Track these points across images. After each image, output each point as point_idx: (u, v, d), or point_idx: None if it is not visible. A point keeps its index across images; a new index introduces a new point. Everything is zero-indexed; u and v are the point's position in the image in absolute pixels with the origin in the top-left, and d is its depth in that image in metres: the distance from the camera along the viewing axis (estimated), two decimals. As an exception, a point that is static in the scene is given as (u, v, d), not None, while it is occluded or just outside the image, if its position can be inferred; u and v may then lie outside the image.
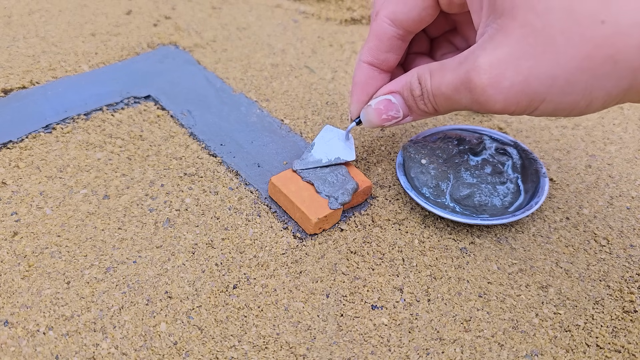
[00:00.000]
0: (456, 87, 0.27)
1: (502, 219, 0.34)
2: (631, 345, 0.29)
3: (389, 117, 0.32)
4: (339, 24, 0.59)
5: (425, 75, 0.29)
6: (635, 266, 0.34)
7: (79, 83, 0.46)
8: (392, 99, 0.32)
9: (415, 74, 0.30)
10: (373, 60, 0.34)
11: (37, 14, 0.55)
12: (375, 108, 0.33)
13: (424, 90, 0.30)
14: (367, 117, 0.33)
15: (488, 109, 0.26)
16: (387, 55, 0.33)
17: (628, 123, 0.45)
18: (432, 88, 0.29)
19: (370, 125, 0.34)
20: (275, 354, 0.28)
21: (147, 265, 0.32)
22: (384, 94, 0.33)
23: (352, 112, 0.35)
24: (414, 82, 0.30)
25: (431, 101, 0.30)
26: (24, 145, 0.39)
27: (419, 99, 0.30)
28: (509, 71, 0.24)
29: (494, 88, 0.25)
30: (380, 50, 0.33)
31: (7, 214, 0.34)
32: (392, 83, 0.33)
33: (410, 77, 0.31)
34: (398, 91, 0.32)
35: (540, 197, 0.35)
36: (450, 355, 0.29)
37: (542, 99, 0.25)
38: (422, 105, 0.30)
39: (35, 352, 0.27)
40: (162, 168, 0.39)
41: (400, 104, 0.32)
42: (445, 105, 0.29)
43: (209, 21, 0.57)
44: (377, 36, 0.33)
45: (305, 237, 0.34)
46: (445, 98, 0.28)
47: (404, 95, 0.32)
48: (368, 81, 0.34)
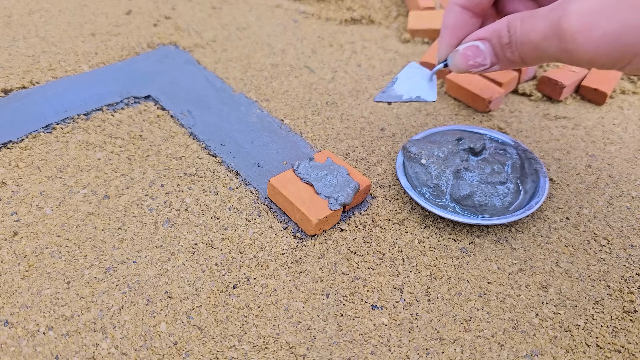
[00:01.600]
0: (545, 35, 0.26)
1: (502, 219, 0.34)
2: (631, 345, 0.29)
3: (476, 63, 0.32)
4: (339, 24, 0.59)
5: (515, 22, 0.29)
6: (635, 266, 0.34)
7: (79, 83, 0.46)
8: (481, 46, 0.32)
9: (506, 22, 0.30)
10: (465, 3, 0.33)
11: (37, 14, 0.55)
12: (462, 53, 0.32)
13: (512, 38, 0.29)
14: (454, 61, 0.33)
15: (577, 59, 0.25)
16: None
17: (628, 123, 0.45)
18: (520, 36, 0.28)
19: (456, 70, 0.33)
20: (275, 354, 0.28)
21: (147, 265, 0.32)
22: (472, 40, 0.32)
23: (440, 54, 0.35)
24: (503, 30, 0.30)
25: (518, 49, 0.29)
26: (24, 145, 0.39)
27: (507, 47, 0.30)
28: (602, 19, 0.23)
29: (585, 36, 0.24)
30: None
31: (7, 214, 0.34)
32: (482, 30, 0.32)
33: (500, 24, 0.30)
34: (487, 38, 0.31)
35: (540, 197, 0.35)
36: (450, 355, 0.29)
37: (635, 52, 0.24)
38: (509, 53, 0.30)
39: (35, 352, 0.27)
40: (162, 168, 0.39)
41: (488, 51, 0.31)
42: (532, 55, 0.29)
43: (209, 21, 0.57)
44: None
45: (305, 237, 0.34)
46: (533, 46, 0.28)
47: (492, 43, 0.31)
48: (459, 25, 0.34)
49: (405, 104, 0.37)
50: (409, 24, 0.56)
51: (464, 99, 0.47)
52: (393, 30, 0.58)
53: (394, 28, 0.59)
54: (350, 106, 0.46)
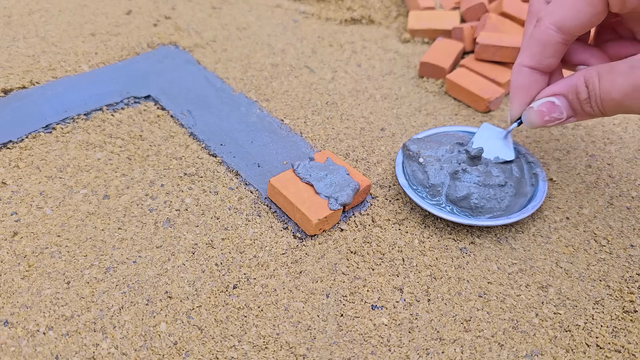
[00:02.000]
0: (627, 93, 0.27)
1: (497, 221, 0.34)
2: (631, 345, 0.29)
3: (552, 118, 0.32)
4: (339, 24, 0.59)
5: (593, 79, 0.29)
6: (635, 266, 0.34)
7: (79, 83, 0.46)
8: (556, 101, 0.32)
9: (582, 77, 0.30)
10: (535, 65, 0.33)
11: (37, 14, 0.55)
12: (537, 110, 0.33)
13: (592, 94, 0.29)
14: (528, 119, 0.34)
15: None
16: (550, 60, 0.33)
17: (628, 123, 0.45)
18: (600, 92, 0.29)
19: (531, 126, 0.34)
20: (275, 354, 0.28)
21: (147, 265, 0.32)
22: (546, 96, 0.32)
23: (512, 114, 0.35)
24: (581, 86, 0.30)
25: (598, 105, 0.29)
26: (24, 145, 0.39)
27: (585, 102, 0.30)
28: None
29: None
30: (544, 55, 0.33)
31: (7, 214, 0.34)
32: (556, 85, 0.32)
33: (577, 80, 0.30)
34: (562, 93, 0.32)
35: (537, 200, 0.35)
36: (450, 355, 0.29)
37: None
38: (589, 108, 0.30)
39: (35, 352, 0.27)
40: (162, 168, 0.39)
41: (564, 106, 0.32)
42: (614, 110, 0.29)
43: (209, 21, 0.57)
44: (541, 43, 0.32)
45: (305, 237, 0.34)
46: (615, 103, 0.28)
47: (568, 98, 0.31)
48: (531, 85, 0.34)
49: None
50: (409, 24, 0.56)
51: (464, 99, 0.47)
52: (393, 30, 0.58)
53: (394, 28, 0.59)
54: (350, 106, 0.46)
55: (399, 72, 0.51)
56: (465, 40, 0.52)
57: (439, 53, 0.50)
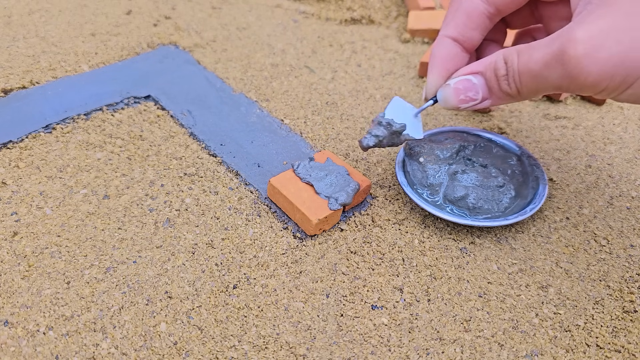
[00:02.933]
0: (546, 63, 0.26)
1: (495, 222, 0.34)
2: (631, 345, 0.29)
3: (467, 98, 0.31)
4: (339, 24, 0.59)
5: (512, 54, 0.29)
6: (635, 266, 0.34)
7: (79, 83, 0.46)
8: (473, 79, 0.31)
9: (501, 54, 0.29)
10: (458, 36, 0.33)
11: (37, 14, 0.55)
12: (454, 87, 0.32)
13: (510, 69, 0.29)
14: (444, 97, 0.32)
15: (580, 84, 0.25)
16: (472, 33, 0.33)
17: (628, 123, 0.45)
18: (519, 66, 0.28)
19: (446, 105, 0.33)
20: (275, 354, 0.28)
21: (147, 265, 0.32)
22: (465, 74, 0.32)
23: (428, 88, 0.34)
24: (499, 62, 0.29)
25: (516, 81, 0.29)
26: (24, 145, 0.39)
27: (503, 79, 0.29)
28: (609, 41, 0.24)
29: (590, 58, 0.24)
30: (468, 26, 0.32)
31: (7, 214, 0.34)
32: (474, 64, 0.31)
33: (496, 57, 0.30)
34: (480, 71, 0.31)
35: (537, 203, 0.35)
36: (450, 355, 0.29)
37: (638, 74, 0.24)
38: (505, 85, 0.30)
39: (35, 352, 0.27)
40: (162, 168, 0.39)
41: (481, 85, 0.31)
42: (531, 85, 0.28)
43: (209, 21, 0.57)
44: (466, 12, 0.32)
45: (305, 237, 0.34)
46: (533, 76, 0.27)
47: (486, 76, 0.31)
48: (449, 57, 0.33)
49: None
50: (409, 24, 0.56)
51: (464, 99, 0.47)
52: (393, 30, 0.58)
53: (394, 28, 0.59)
54: (350, 106, 0.46)
55: (399, 72, 0.51)
56: (465, 40, 0.52)
57: (439, 53, 0.50)
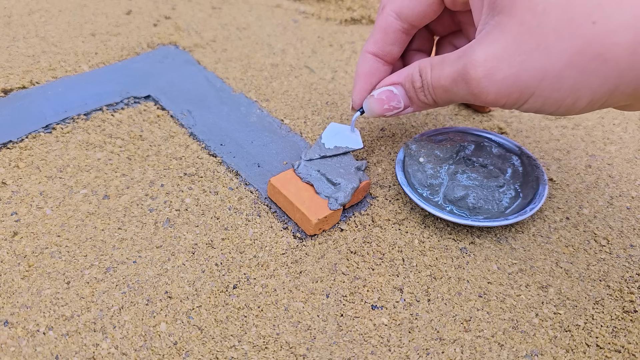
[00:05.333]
0: (454, 79, 0.28)
1: (494, 222, 0.34)
2: (631, 345, 0.29)
3: (391, 107, 0.34)
4: (339, 24, 0.59)
5: (426, 68, 0.31)
6: (635, 266, 0.34)
7: (79, 83, 0.46)
8: (394, 90, 0.34)
9: (417, 67, 0.32)
10: (377, 51, 0.35)
11: (37, 14, 0.55)
12: (377, 98, 0.34)
13: (425, 82, 0.31)
14: (369, 107, 0.35)
15: (482, 100, 0.28)
16: (391, 48, 0.35)
17: (628, 123, 0.45)
18: (432, 80, 0.30)
19: (372, 115, 0.35)
20: (275, 354, 0.28)
21: (147, 265, 0.32)
22: (386, 85, 0.34)
23: (354, 100, 0.37)
24: (415, 75, 0.32)
25: (431, 93, 0.31)
26: (24, 145, 0.39)
27: (420, 91, 0.32)
28: (503, 64, 0.26)
29: (488, 80, 0.26)
30: (385, 42, 0.35)
31: (7, 214, 0.34)
32: (395, 75, 0.34)
33: (412, 69, 0.32)
34: (400, 82, 0.33)
35: (536, 203, 0.35)
36: (450, 355, 0.29)
37: (531, 92, 0.26)
38: (422, 96, 0.32)
39: (35, 352, 0.27)
40: (162, 168, 0.39)
41: (402, 95, 0.33)
42: (444, 97, 0.31)
43: (209, 21, 0.57)
44: (382, 29, 0.34)
45: (305, 237, 0.34)
46: (444, 90, 0.30)
47: (405, 87, 0.33)
48: (371, 71, 0.36)
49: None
50: (409, 24, 0.56)
51: (464, 99, 0.47)
52: (393, 30, 0.58)
53: (394, 28, 0.59)
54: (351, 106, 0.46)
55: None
56: (465, 40, 0.52)
57: (439, 53, 0.50)
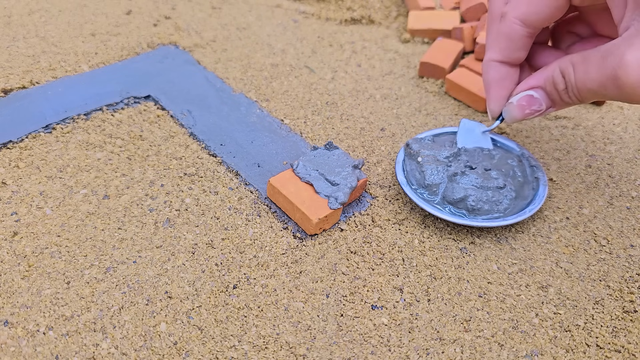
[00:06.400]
0: (602, 83, 0.27)
1: (493, 222, 0.34)
2: (631, 345, 0.29)
3: (533, 111, 0.33)
4: (339, 24, 0.59)
5: (568, 69, 0.30)
6: (635, 266, 0.34)
7: (79, 83, 0.46)
8: (535, 94, 0.33)
9: (558, 69, 0.31)
10: (504, 58, 0.35)
11: (37, 14, 0.55)
12: (517, 105, 0.34)
13: (569, 84, 0.30)
14: (509, 114, 0.35)
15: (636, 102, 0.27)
16: (518, 53, 0.35)
17: (628, 123, 0.45)
18: (576, 82, 0.30)
19: (512, 121, 0.35)
20: (275, 354, 0.28)
21: (147, 265, 0.32)
22: (524, 90, 0.33)
23: (492, 110, 0.36)
24: (557, 77, 0.31)
25: (576, 94, 0.30)
26: (24, 145, 0.39)
27: (563, 93, 0.31)
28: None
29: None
30: (512, 49, 0.34)
31: (7, 214, 0.34)
32: (532, 78, 0.33)
33: (552, 71, 0.31)
34: (540, 86, 0.33)
35: (536, 204, 0.34)
36: (450, 355, 0.29)
37: None
38: (567, 98, 0.31)
39: (35, 352, 0.27)
40: (162, 168, 0.39)
41: (543, 98, 0.33)
42: (591, 97, 0.30)
43: (209, 21, 0.57)
44: (507, 37, 0.34)
45: (305, 237, 0.34)
46: (591, 92, 0.29)
47: (546, 90, 0.32)
48: (502, 78, 0.35)
49: None
50: (409, 24, 0.56)
51: (464, 99, 0.47)
52: (393, 30, 0.58)
53: (394, 28, 0.59)
54: (350, 106, 0.46)
55: (399, 72, 0.51)
56: (465, 40, 0.52)
57: (439, 53, 0.50)
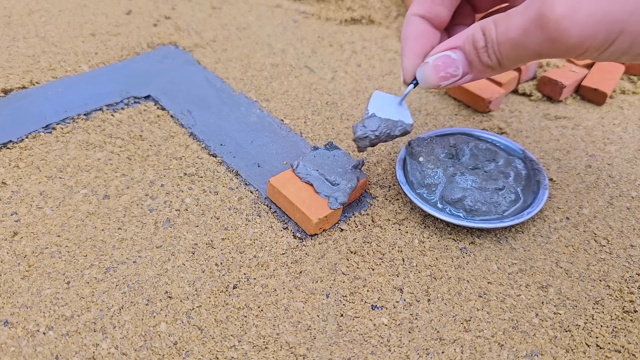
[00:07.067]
0: (525, 29, 0.26)
1: (491, 224, 0.34)
2: (631, 345, 0.29)
3: (448, 74, 0.31)
4: (339, 24, 0.59)
5: (489, 25, 0.28)
6: (635, 266, 0.34)
7: (79, 83, 0.46)
8: (452, 55, 0.30)
9: (479, 27, 0.29)
10: (425, 12, 0.32)
11: (37, 14, 0.55)
12: (433, 65, 0.31)
13: (489, 40, 0.28)
14: (423, 76, 0.32)
15: (562, 46, 0.25)
16: (439, 9, 0.32)
17: (628, 123, 0.45)
18: (497, 36, 0.27)
19: (426, 85, 0.32)
20: (275, 354, 0.28)
21: (147, 265, 0.32)
22: (442, 50, 0.31)
23: (405, 68, 0.33)
24: (477, 34, 0.29)
25: (496, 52, 0.28)
26: (24, 145, 0.39)
27: (483, 51, 0.29)
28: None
29: (570, 19, 0.23)
30: (434, 2, 0.32)
31: (7, 214, 0.34)
32: (451, 39, 0.31)
33: (473, 29, 0.29)
34: (459, 45, 0.30)
35: (535, 207, 0.34)
36: (450, 355, 0.29)
37: (620, 29, 0.23)
38: (486, 57, 0.29)
39: (35, 352, 0.27)
40: (162, 168, 0.39)
41: (461, 60, 0.30)
42: (512, 54, 0.28)
43: (209, 21, 0.57)
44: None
45: (305, 237, 0.34)
46: (513, 44, 0.27)
47: (465, 50, 0.30)
48: (421, 34, 0.33)
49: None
50: (409, 24, 0.56)
51: (464, 99, 0.47)
52: (393, 30, 0.58)
53: (394, 28, 0.59)
54: (350, 106, 0.46)
55: (399, 72, 0.51)
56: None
57: (439, 53, 0.50)
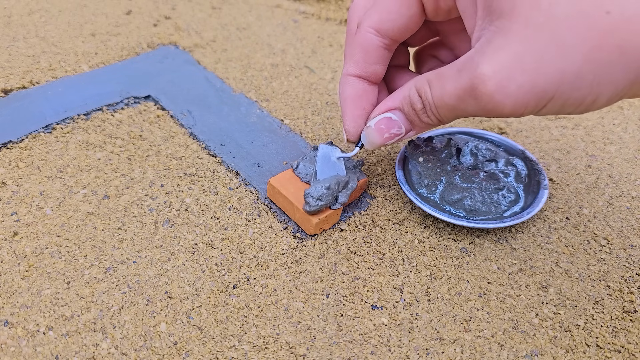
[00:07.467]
0: (460, 97, 0.26)
1: (490, 224, 0.34)
2: (631, 345, 0.29)
3: (392, 135, 0.31)
4: (339, 24, 0.59)
5: (424, 87, 0.28)
6: (635, 266, 0.34)
7: (79, 83, 0.46)
8: (393, 116, 0.31)
9: (414, 87, 0.29)
10: (361, 72, 0.32)
11: (37, 14, 0.55)
12: (375, 128, 0.31)
13: (426, 102, 0.28)
14: (368, 139, 0.32)
15: (496, 114, 0.25)
16: (374, 67, 0.32)
17: (628, 123, 0.45)
18: (434, 99, 0.28)
19: (372, 147, 0.32)
20: (275, 354, 0.28)
21: (147, 265, 0.32)
22: (381, 112, 0.31)
23: (348, 131, 0.33)
24: (414, 96, 0.29)
25: (434, 113, 0.29)
26: (24, 145, 0.39)
27: (422, 112, 0.29)
28: (515, 73, 0.23)
29: (501, 93, 0.24)
30: (368, 62, 0.32)
31: (7, 214, 0.34)
32: (389, 100, 0.31)
33: (408, 91, 0.30)
34: (397, 107, 0.31)
35: (534, 207, 0.34)
36: (450, 355, 0.29)
37: (550, 96, 0.24)
38: (426, 118, 0.29)
39: (35, 352, 0.27)
40: (162, 168, 0.39)
41: (402, 119, 0.31)
42: (450, 115, 0.28)
43: (209, 21, 0.57)
44: (362, 48, 0.31)
45: (305, 237, 0.34)
46: (450, 109, 0.27)
47: (404, 111, 0.30)
48: (359, 94, 0.33)
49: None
50: (409, 24, 0.56)
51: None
52: (393, 30, 0.58)
53: (394, 28, 0.59)
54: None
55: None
56: (465, 40, 0.52)
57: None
